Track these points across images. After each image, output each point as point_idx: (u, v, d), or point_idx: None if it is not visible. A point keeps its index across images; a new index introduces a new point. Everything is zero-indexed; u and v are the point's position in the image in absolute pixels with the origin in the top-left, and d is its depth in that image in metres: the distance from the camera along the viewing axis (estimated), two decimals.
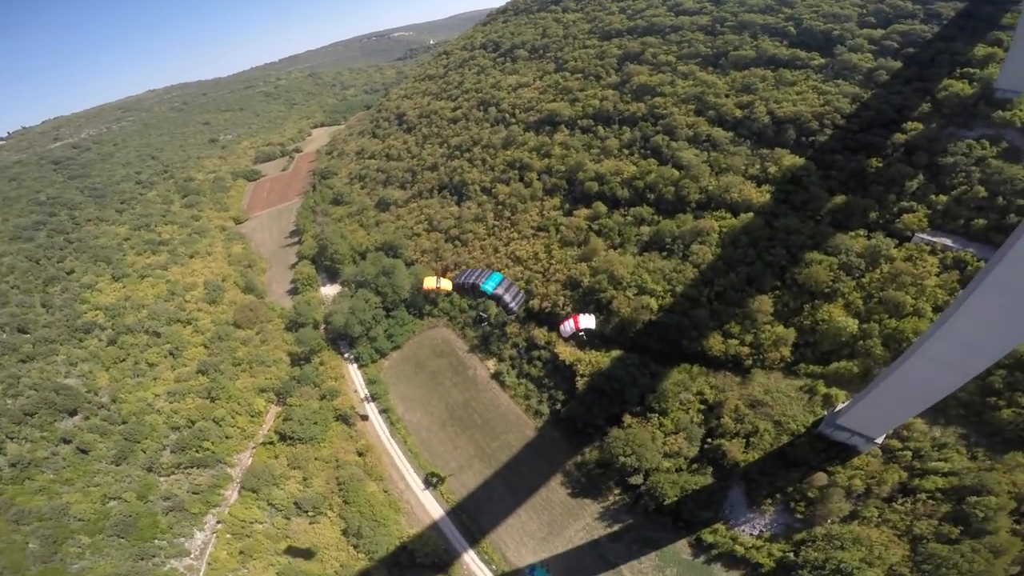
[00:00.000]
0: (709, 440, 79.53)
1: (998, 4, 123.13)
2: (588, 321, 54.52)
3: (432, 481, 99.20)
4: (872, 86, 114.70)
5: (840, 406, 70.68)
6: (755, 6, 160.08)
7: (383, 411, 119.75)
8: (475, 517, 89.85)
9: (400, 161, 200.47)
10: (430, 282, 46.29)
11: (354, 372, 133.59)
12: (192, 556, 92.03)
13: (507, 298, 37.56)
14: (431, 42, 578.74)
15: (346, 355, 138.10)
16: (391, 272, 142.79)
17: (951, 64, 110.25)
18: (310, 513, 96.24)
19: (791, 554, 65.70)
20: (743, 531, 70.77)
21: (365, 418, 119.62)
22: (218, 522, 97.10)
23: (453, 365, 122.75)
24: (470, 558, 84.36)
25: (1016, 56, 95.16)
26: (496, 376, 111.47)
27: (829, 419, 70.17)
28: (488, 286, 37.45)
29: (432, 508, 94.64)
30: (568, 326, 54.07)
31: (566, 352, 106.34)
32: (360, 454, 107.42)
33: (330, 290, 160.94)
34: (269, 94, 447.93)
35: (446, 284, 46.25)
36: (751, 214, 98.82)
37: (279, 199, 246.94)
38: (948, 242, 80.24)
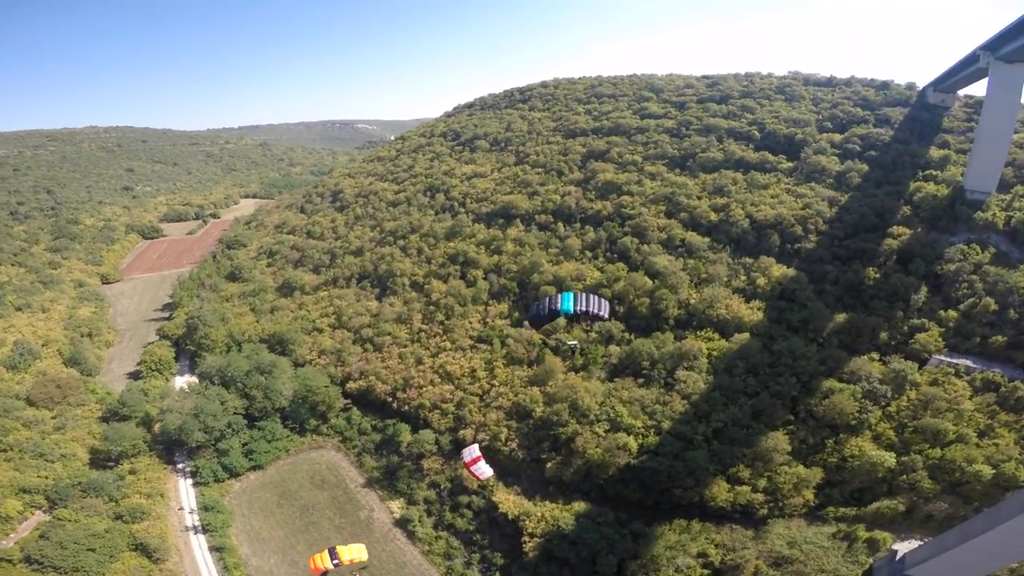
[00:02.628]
0: None
1: (934, 110, 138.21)
2: (484, 470, 56.47)
3: None
4: (846, 188, 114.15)
5: (900, 550, 57.75)
6: (718, 111, 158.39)
7: (215, 549, 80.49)
8: None
9: (321, 240, 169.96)
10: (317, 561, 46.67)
11: (185, 491, 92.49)
12: None
13: (593, 308, 32.51)
14: (391, 137, 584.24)
15: (180, 466, 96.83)
16: (269, 371, 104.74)
17: (913, 166, 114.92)
18: None
19: None
20: None
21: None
22: None
23: (339, 502, 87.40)
24: None
25: (979, 157, 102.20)
26: (403, 523, 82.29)
27: (887, 568, 56.17)
28: (567, 306, 34.20)
29: None
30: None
31: (508, 502, 77.14)
32: None
33: (188, 381, 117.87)
34: (211, 155, 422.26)
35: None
36: (745, 334, 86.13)
37: (171, 264, 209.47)
38: (969, 363, 76.26)
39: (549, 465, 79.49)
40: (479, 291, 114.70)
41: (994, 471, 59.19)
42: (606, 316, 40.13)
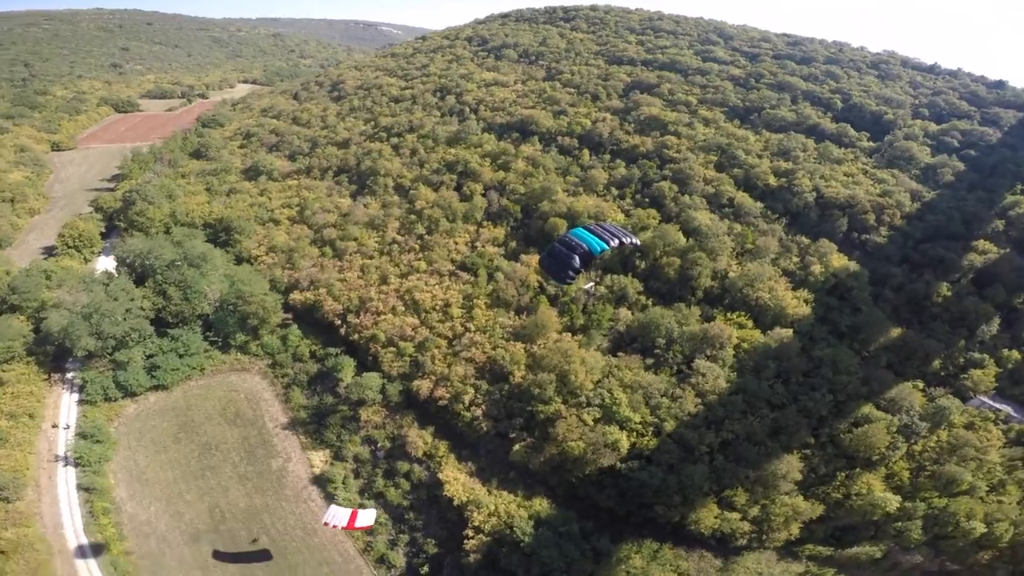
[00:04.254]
0: None
1: None
2: (367, 517, 51.03)
3: None
4: (933, 184, 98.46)
5: None
6: (797, 71, 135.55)
7: (84, 488, 62.17)
8: None
9: (307, 128, 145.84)
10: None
11: (67, 410, 71.79)
12: None
13: (622, 238, 27.29)
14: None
15: (71, 375, 75.52)
16: (200, 263, 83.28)
17: (1015, 177, 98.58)
18: None
19: None
20: None
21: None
22: None
23: (250, 444, 68.77)
24: None
25: None
26: (322, 482, 65.11)
27: None
28: (597, 247, 27.04)
29: None
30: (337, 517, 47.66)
31: (456, 483, 60.74)
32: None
33: (111, 265, 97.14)
34: (218, 40, 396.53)
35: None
36: (787, 331, 70.89)
37: (137, 138, 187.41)
38: (1011, 411, 68.81)
39: (517, 447, 61.73)
40: (474, 208, 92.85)
41: (986, 529, 54.03)
42: (638, 243, 32.47)
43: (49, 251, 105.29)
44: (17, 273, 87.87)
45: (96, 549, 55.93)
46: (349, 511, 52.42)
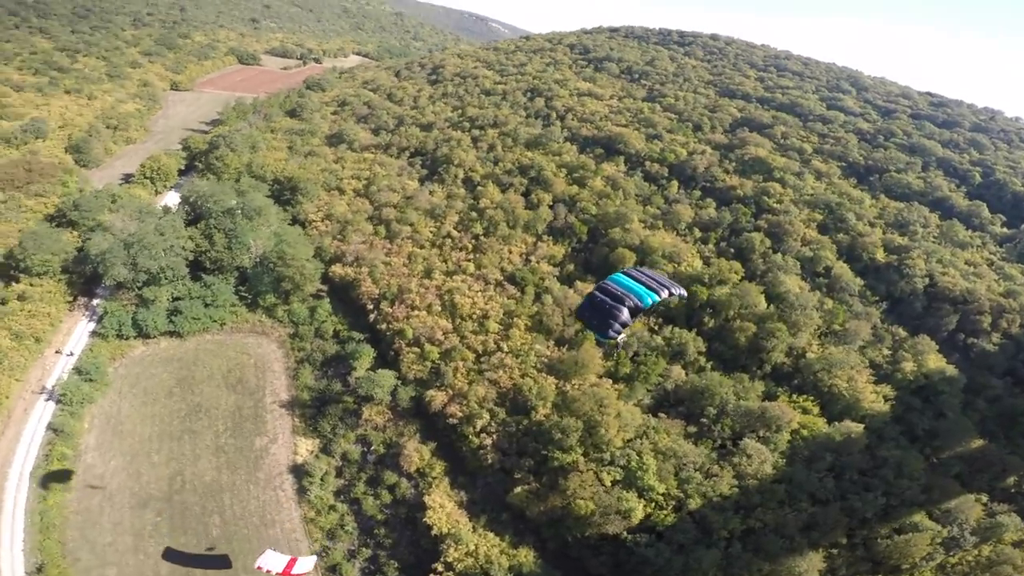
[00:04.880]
0: None
1: None
2: (306, 564, 45.87)
3: None
4: None
5: None
6: (935, 133, 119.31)
7: (54, 430, 59.91)
8: None
9: (398, 105, 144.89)
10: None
11: (77, 339, 71.32)
12: None
13: (671, 289, 24.07)
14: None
15: (96, 303, 75.49)
16: (254, 215, 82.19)
17: None
18: None
19: None
20: None
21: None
22: None
23: (242, 415, 65.29)
24: None
25: None
26: (299, 472, 60.37)
27: None
28: (647, 298, 23.83)
29: None
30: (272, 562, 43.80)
31: (440, 512, 54.64)
32: None
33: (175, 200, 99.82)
34: (347, 11, 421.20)
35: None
36: (857, 427, 62.38)
37: (247, 88, 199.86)
38: None
39: (519, 490, 55.01)
40: (538, 218, 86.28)
41: None
42: (685, 293, 27.30)
43: (127, 178, 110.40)
44: (87, 192, 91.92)
45: (32, 495, 53.36)
46: (287, 559, 46.26)
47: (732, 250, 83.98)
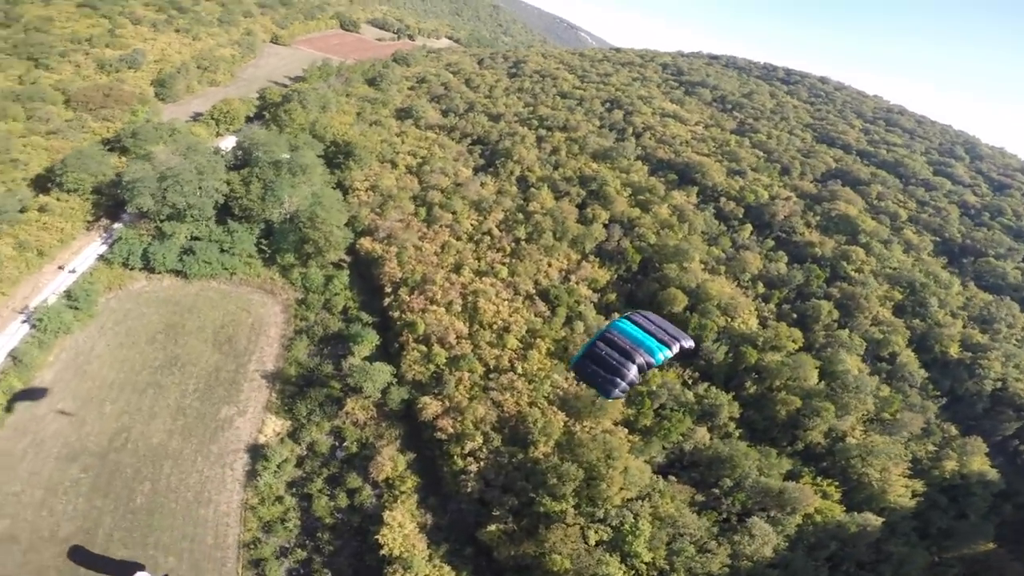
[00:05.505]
0: None
1: None
2: None
3: None
4: None
5: None
6: None
7: (14, 358, 55.88)
8: None
9: (472, 91, 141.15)
10: None
11: (84, 259, 69.42)
12: None
13: (682, 342, 20.89)
14: None
15: (117, 226, 74.51)
16: (299, 170, 79.68)
17: None
18: None
19: None
20: None
21: None
22: None
23: (218, 379, 61.26)
24: None
25: None
26: (256, 454, 55.42)
27: None
28: (659, 354, 20.69)
29: None
30: None
31: (396, 533, 48.39)
32: None
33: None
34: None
35: None
36: (876, 520, 55.73)
37: (340, 52, 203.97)
38: None
39: (492, 527, 48.60)
40: (588, 234, 79.12)
41: None
42: (694, 346, 22.15)
43: (197, 117, 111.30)
44: (143, 123, 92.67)
45: None
46: None
47: (795, 315, 74.24)
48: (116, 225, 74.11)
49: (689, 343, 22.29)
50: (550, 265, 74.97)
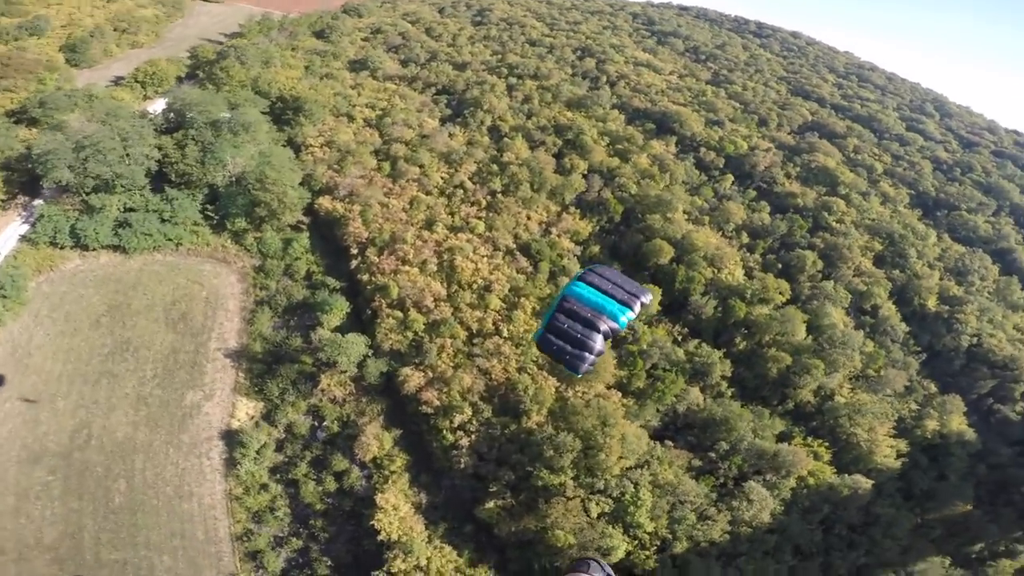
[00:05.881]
0: None
1: None
2: None
3: None
4: None
5: None
6: (1015, 176, 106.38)
7: None
8: None
9: (434, 40, 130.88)
10: None
11: (7, 240, 60.46)
12: None
13: (642, 298, 15.58)
14: None
15: (37, 203, 64.67)
16: (241, 129, 70.35)
17: None
18: None
19: None
20: None
21: None
22: None
23: (177, 361, 54.43)
24: None
25: None
26: (231, 440, 49.95)
27: None
28: (621, 318, 15.37)
29: None
30: None
31: (391, 515, 44.85)
32: None
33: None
34: None
35: None
36: (867, 483, 55.78)
37: (284, 6, 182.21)
38: None
39: (491, 504, 45.33)
40: (567, 186, 74.16)
41: None
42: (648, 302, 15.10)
43: (118, 81, 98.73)
44: (60, 90, 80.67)
45: None
46: None
47: (780, 265, 72.83)
48: (36, 202, 64.71)
49: (647, 297, 18.84)
50: (529, 218, 69.96)
